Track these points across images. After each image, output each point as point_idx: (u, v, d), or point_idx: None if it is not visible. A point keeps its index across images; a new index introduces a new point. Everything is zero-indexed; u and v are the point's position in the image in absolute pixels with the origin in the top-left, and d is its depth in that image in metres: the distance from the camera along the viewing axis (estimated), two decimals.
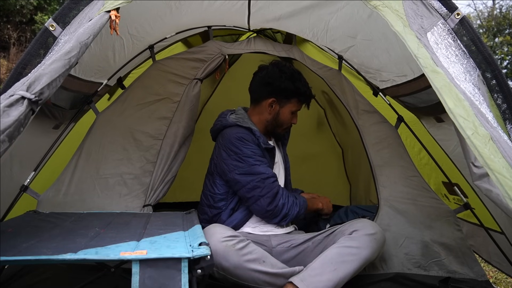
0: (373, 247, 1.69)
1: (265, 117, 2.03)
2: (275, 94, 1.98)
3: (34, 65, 1.33)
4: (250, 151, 1.89)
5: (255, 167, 1.86)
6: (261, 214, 1.90)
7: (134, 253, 1.08)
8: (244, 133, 1.92)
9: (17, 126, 1.08)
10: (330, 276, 1.59)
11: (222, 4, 2.05)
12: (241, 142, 1.89)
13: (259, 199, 1.85)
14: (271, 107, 2.01)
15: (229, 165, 1.89)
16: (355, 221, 1.82)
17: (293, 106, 2.01)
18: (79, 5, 1.44)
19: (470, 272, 1.95)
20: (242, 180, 1.86)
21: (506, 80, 1.35)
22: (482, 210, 2.05)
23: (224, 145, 1.92)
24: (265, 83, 2.00)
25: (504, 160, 1.11)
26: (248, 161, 1.87)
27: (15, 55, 9.62)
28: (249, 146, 1.89)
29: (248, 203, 1.90)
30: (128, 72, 2.35)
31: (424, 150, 2.23)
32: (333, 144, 3.31)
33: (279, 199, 1.86)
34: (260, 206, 1.85)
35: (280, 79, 1.97)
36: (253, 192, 1.85)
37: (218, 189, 1.95)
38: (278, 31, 2.54)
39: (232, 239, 1.59)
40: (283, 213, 1.87)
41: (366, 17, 1.85)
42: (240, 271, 1.57)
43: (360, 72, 2.37)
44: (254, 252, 1.62)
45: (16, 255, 1.05)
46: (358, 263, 1.65)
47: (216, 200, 1.95)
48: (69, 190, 1.95)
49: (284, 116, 2.02)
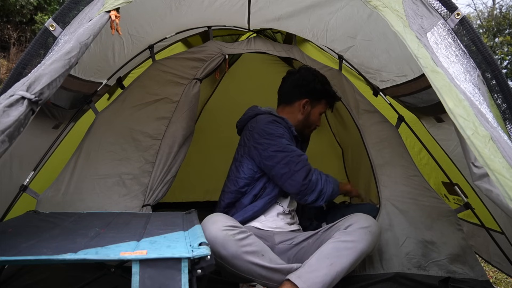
0: (368, 239, 1.71)
1: (297, 117, 2.13)
2: (309, 95, 2.11)
3: (34, 65, 1.33)
4: (283, 131, 1.96)
5: (288, 146, 1.93)
6: (296, 189, 1.89)
7: (134, 253, 1.08)
8: (277, 118, 2.01)
9: (17, 126, 1.08)
10: (327, 271, 1.60)
11: (222, 4, 2.06)
12: (274, 125, 1.97)
13: (294, 174, 1.87)
14: (304, 108, 2.12)
15: (263, 144, 1.94)
16: (350, 216, 1.83)
17: (322, 107, 2.16)
18: (79, 5, 1.44)
19: (470, 272, 1.95)
20: (278, 155, 1.90)
21: (506, 80, 1.35)
22: (482, 210, 2.05)
23: (258, 127, 1.99)
24: (300, 85, 2.12)
25: (504, 160, 1.11)
26: (281, 141, 1.93)
27: (15, 55, 9.61)
28: (282, 128, 1.98)
29: (281, 180, 1.91)
30: (127, 72, 2.35)
31: (424, 150, 2.23)
32: (333, 144, 3.32)
33: (312, 174, 1.89)
34: (296, 180, 1.87)
35: (314, 81, 2.11)
36: (288, 166, 1.88)
37: (245, 172, 1.99)
38: (278, 31, 2.54)
39: (233, 229, 1.60)
40: (318, 188, 1.88)
41: (366, 17, 1.85)
42: (237, 261, 1.58)
43: (360, 72, 2.37)
44: (253, 245, 1.62)
45: (16, 255, 1.05)
46: (354, 256, 1.66)
47: (241, 184, 1.98)
48: (68, 189, 1.95)
49: (314, 116, 2.15)
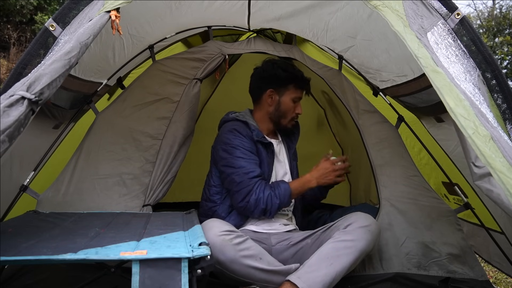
0: (367, 238, 1.70)
1: (268, 110, 2.06)
2: (271, 84, 2.03)
3: (34, 65, 1.33)
4: (239, 142, 1.91)
5: (238, 160, 1.88)
6: (236, 209, 1.91)
7: (134, 253, 1.08)
8: (238, 126, 1.97)
9: (17, 126, 1.08)
10: (327, 270, 1.60)
11: (222, 4, 2.05)
12: (232, 133, 1.94)
13: (234, 194, 1.88)
14: (271, 99, 2.04)
15: (218, 156, 1.95)
16: (349, 215, 1.83)
17: (291, 92, 2.03)
18: (79, 5, 1.44)
19: (470, 272, 1.94)
20: (225, 171, 1.90)
21: (506, 80, 1.35)
22: (482, 210, 2.05)
23: (219, 136, 2.00)
24: (262, 77, 2.07)
25: (505, 160, 1.11)
26: (234, 152, 1.89)
27: (15, 55, 9.61)
28: (239, 138, 1.92)
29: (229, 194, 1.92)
30: (128, 72, 2.35)
31: (424, 150, 2.23)
32: (333, 144, 3.31)
33: (251, 195, 1.82)
34: (235, 200, 1.88)
35: (273, 69, 2.04)
36: (230, 186, 1.89)
37: (214, 180, 1.99)
38: (278, 31, 2.53)
39: (230, 234, 1.60)
40: (259, 208, 1.83)
41: (366, 17, 1.85)
42: (236, 266, 1.58)
43: (360, 72, 2.37)
44: (251, 249, 1.62)
45: (16, 255, 1.05)
46: (353, 255, 1.66)
47: (212, 192, 1.97)
48: (68, 190, 1.95)
49: (286, 104, 2.03)
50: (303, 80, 2.06)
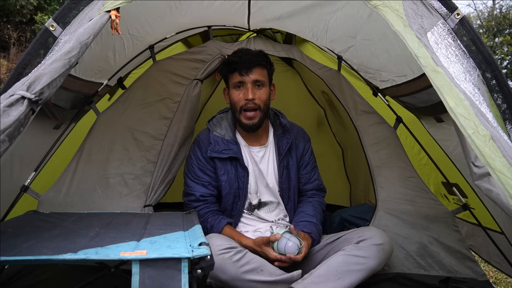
0: (380, 257, 1.64)
1: (231, 108, 1.94)
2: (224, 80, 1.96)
3: (34, 65, 1.33)
4: (193, 156, 1.95)
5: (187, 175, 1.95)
6: None
7: (134, 253, 1.08)
8: (201, 136, 1.97)
9: (17, 126, 1.08)
10: (335, 284, 1.54)
11: (222, 4, 2.05)
12: (193, 145, 1.99)
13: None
14: (227, 96, 1.95)
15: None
16: (362, 229, 1.79)
17: (231, 80, 1.89)
18: (79, 5, 1.44)
19: (470, 272, 1.95)
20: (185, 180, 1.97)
21: (506, 80, 1.34)
22: (482, 210, 2.05)
23: None
24: None
25: (504, 160, 1.11)
26: (189, 166, 1.96)
27: (15, 55, 9.62)
28: (195, 153, 1.95)
29: None
30: (128, 72, 2.35)
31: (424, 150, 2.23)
32: (333, 144, 3.31)
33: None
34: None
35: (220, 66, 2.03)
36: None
37: None
38: (278, 31, 2.54)
39: (229, 251, 1.57)
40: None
41: (366, 17, 1.85)
42: (238, 283, 1.56)
43: (359, 72, 2.37)
44: (251, 262, 1.59)
45: (16, 255, 1.05)
46: (364, 273, 1.60)
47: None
48: (69, 190, 1.96)
49: (233, 95, 1.88)
50: (234, 63, 1.84)
